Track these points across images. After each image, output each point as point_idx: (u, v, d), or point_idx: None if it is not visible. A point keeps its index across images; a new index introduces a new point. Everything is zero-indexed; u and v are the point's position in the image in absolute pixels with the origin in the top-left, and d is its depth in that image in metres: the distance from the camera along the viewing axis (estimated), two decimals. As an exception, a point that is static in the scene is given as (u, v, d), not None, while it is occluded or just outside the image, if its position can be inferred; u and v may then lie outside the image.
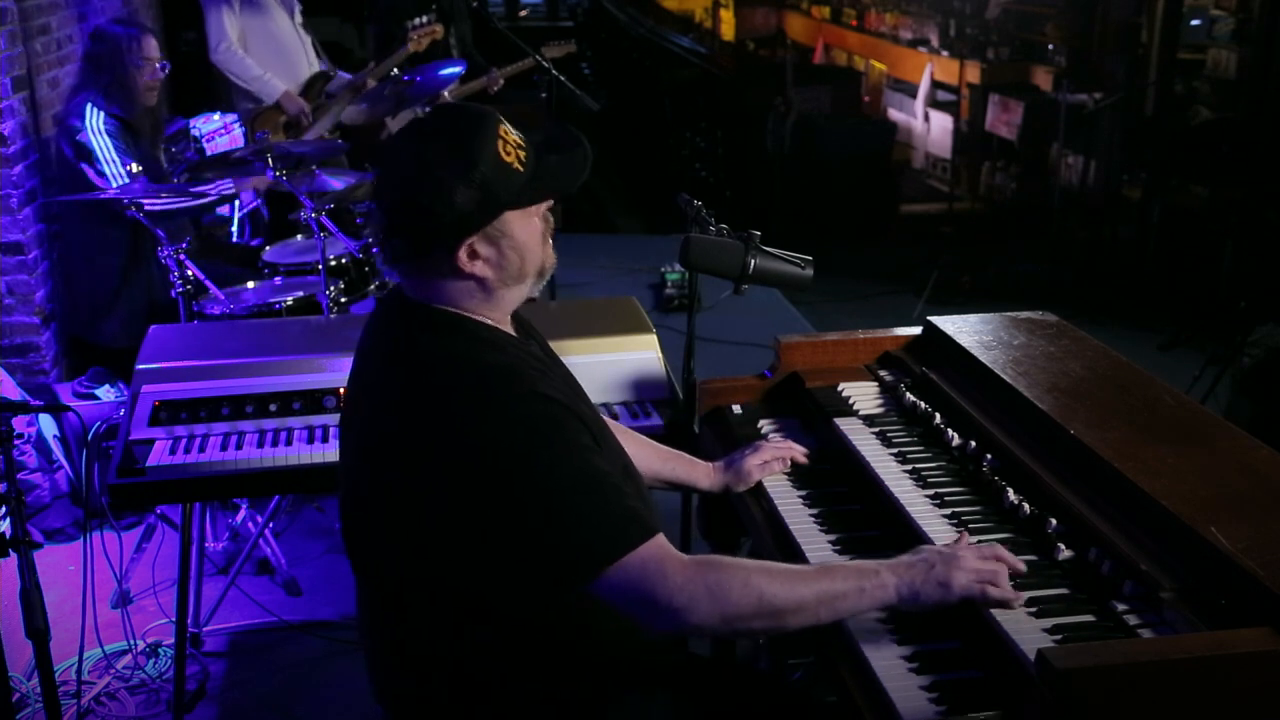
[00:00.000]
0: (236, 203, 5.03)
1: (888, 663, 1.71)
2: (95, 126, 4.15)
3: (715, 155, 8.62)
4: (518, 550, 1.68)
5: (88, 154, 4.14)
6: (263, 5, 5.46)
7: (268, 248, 4.39)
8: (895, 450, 2.27)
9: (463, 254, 1.75)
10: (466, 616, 1.76)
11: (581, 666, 1.82)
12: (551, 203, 1.84)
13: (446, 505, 1.68)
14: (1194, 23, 7.24)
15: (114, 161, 4.14)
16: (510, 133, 1.77)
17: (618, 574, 1.64)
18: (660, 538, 1.69)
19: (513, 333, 1.87)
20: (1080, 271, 6.53)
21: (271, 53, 5.47)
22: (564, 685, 1.81)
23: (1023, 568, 1.77)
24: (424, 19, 5.71)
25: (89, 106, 4.18)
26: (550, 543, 1.66)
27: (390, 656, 1.87)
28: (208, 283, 3.68)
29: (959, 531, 1.96)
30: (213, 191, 4.21)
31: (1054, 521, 1.90)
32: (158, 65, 4.35)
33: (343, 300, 3.88)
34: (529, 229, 1.80)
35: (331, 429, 2.76)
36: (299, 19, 5.67)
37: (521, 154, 1.76)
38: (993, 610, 1.71)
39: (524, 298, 1.86)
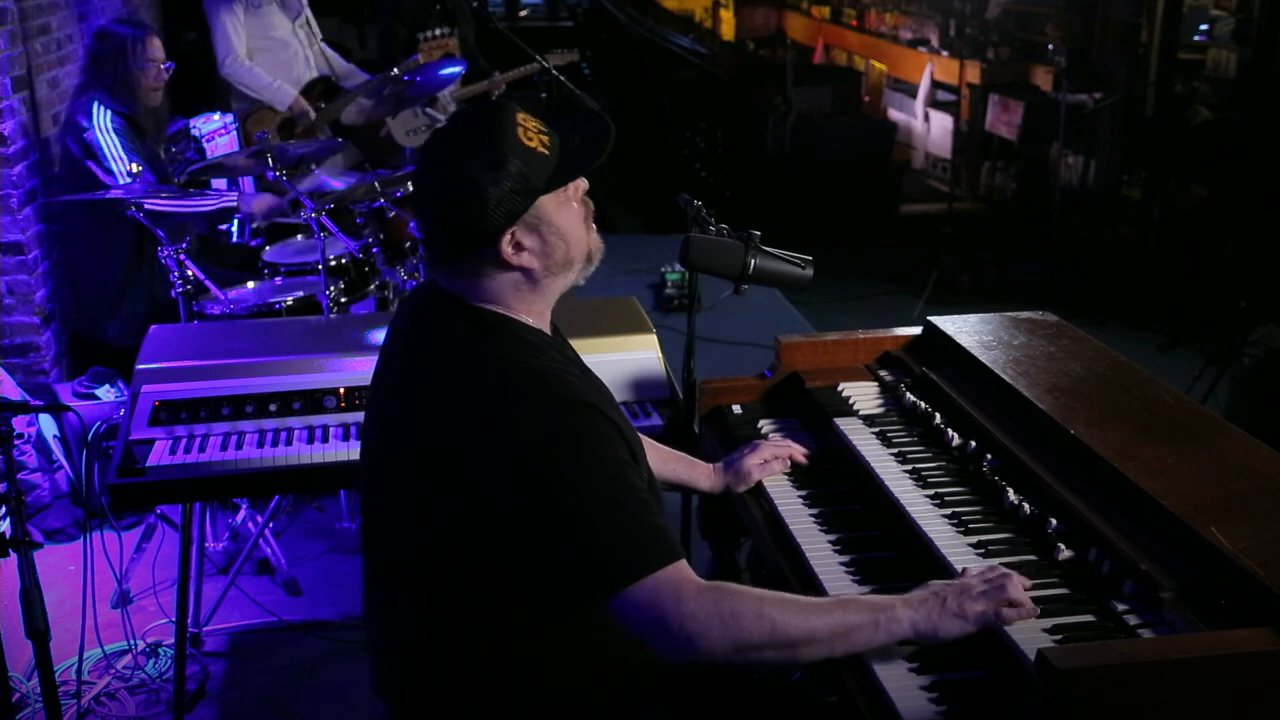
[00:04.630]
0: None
1: (888, 662, 1.71)
2: (103, 124, 4.16)
3: (715, 155, 8.61)
4: (544, 559, 1.67)
5: (94, 152, 4.15)
6: (263, 8, 5.46)
7: (268, 248, 4.39)
8: (895, 450, 2.27)
9: (506, 247, 1.75)
10: (481, 617, 1.76)
11: (585, 669, 1.82)
12: (586, 185, 1.84)
13: (478, 507, 1.68)
14: (1198, 37, 7.25)
15: (121, 159, 4.15)
16: (529, 119, 1.77)
17: (635, 594, 1.63)
18: (682, 562, 1.68)
19: (549, 333, 1.87)
20: (1080, 271, 6.53)
21: (269, 55, 5.47)
22: (566, 687, 1.81)
23: (1033, 608, 1.72)
24: (437, 31, 5.71)
25: (95, 104, 4.19)
26: (576, 555, 1.66)
27: (399, 651, 1.86)
28: (208, 283, 3.68)
29: (959, 532, 1.96)
30: (214, 203, 4.21)
31: (1054, 521, 1.90)
32: (162, 66, 4.36)
33: (343, 300, 3.88)
34: (567, 214, 1.80)
35: (332, 429, 2.76)
36: (301, 21, 5.66)
37: (545, 139, 1.77)
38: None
39: (568, 286, 1.85)
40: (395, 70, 4.96)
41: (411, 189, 1.88)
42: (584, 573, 1.66)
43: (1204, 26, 7.33)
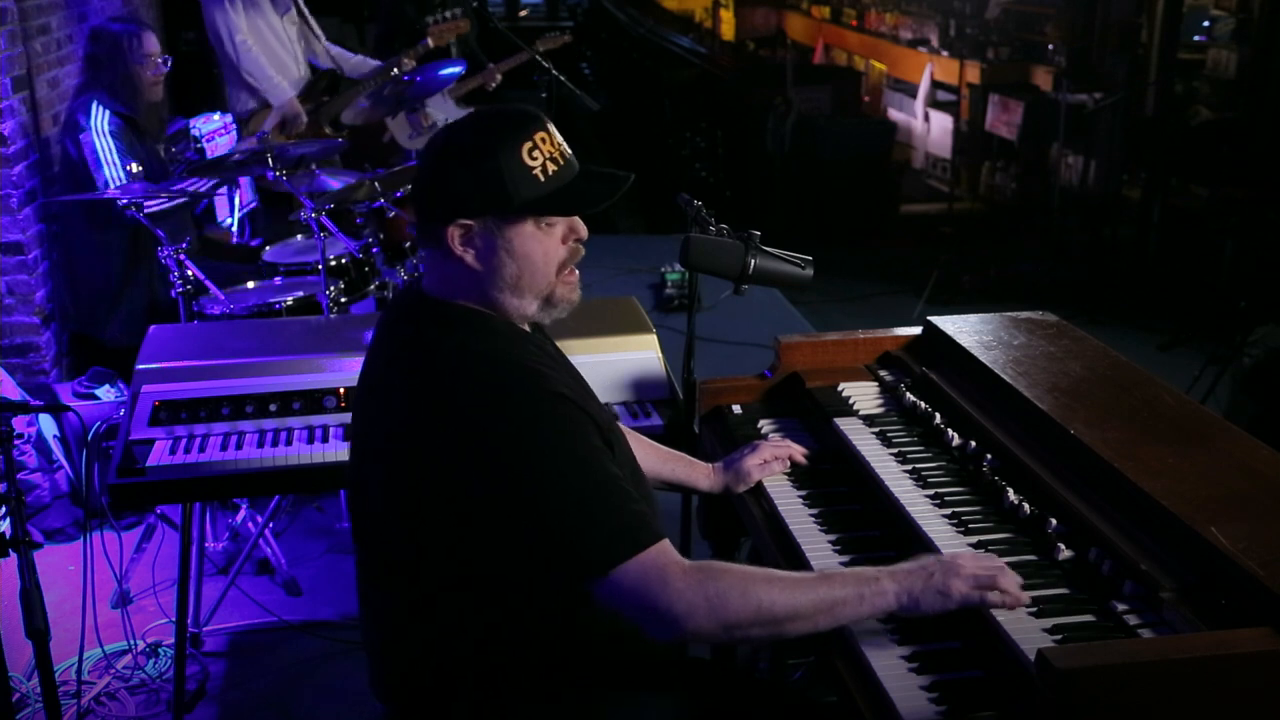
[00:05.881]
0: (236, 202, 5.03)
1: (888, 663, 1.71)
2: (100, 127, 4.16)
3: (715, 155, 8.62)
4: (524, 549, 1.69)
5: (86, 154, 4.16)
6: (258, 4, 5.44)
7: (268, 248, 4.39)
8: (895, 450, 2.27)
9: (454, 234, 1.76)
10: (472, 613, 1.77)
11: (583, 667, 1.83)
12: (582, 233, 1.83)
13: (457, 501, 1.69)
14: (1198, 37, 7.25)
15: (114, 164, 4.15)
16: (548, 143, 1.77)
17: (620, 578, 1.65)
18: (664, 544, 1.69)
19: (526, 328, 1.87)
20: (1080, 271, 6.53)
21: (259, 45, 5.46)
22: (565, 685, 1.82)
23: (1024, 597, 1.73)
24: (447, 14, 5.65)
25: (95, 105, 4.20)
26: (556, 544, 1.67)
27: (392, 648, 1.87)
28: (208, 283, 3.68)
29: (959, 532, 1.96)
30: (204, 185, 4.21)
31: (1054, 521, 1.90)
32: (159, 61, 4.36)
33: (343, 300, 3.87)
34: (537, 244, 1.78)
35: (332, 429, 2.76)
36: (291, 18, 5.64)
37: (551, 167, 1.76)
38: (993, 610, 1.71)
39: (528, 314, 1.83)
40: (395, 70, 4.96)
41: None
42: (567, 560, 1.67)
43: (1205, 24, 7.33)
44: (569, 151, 1.81)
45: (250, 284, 4.05)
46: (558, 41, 5.74)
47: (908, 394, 2.43)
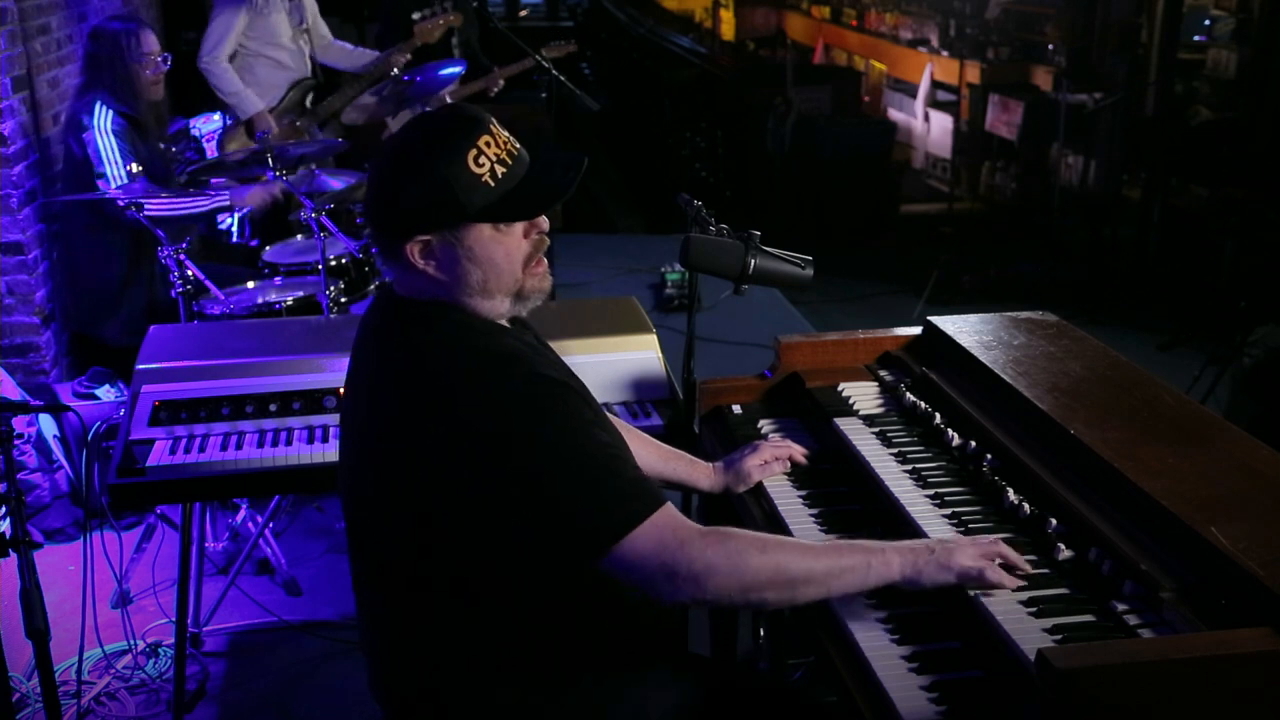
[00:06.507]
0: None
1: (888, 663, 1.71)
2: (103, 126, 4.16)
3: (715, 155, 8.62)
4: (528, 530, 1.68)
5: (89, 155, 4.15)
6: (270, 15, 5.43)
7: (268, 248, 4.39)
8: (895, 450, 2.27)
9: (413, 249, 1.75)
10: (469, 613, 1.77)
11: (582, 665, 1.83)
12: (543, 226, 1.82)
13: (453, 491, 1.69)
14: (1198, 37, 7.25)
15: (116, 164, 4.15)
16: (493, 145, 1.74)
17: (636, 543, 1.65)
18: (669, 506, 1.70)
19: (505, 323, 1.87)
20: (1080, 271, 6.54)
21: (267, 61, 5.45)
22: (564, 683, 1.81)
23: (1026, 566, 1.79)
24: (433, 10, 5.62)
25: (98, 105, 4.20)
26: (561, 518, 1.67)
27: (390, 652, 1.87)
28: (208, 283, 3.68)
29: (959, 532, 1.96)
30: (211, 200, 4.21)
31: (1054, 521, 1.90)
32: (159, 59, 4.36)
33: (343, 300, 3.88)
34: (499, 247, 1.77)
35: (332, 429, 2.76)
36: (302, 30, 5.62)
37: (500, 170, 1.74)
38: (993, 610, 1.71)
39: (502, 312, 1.83)
40: (395, 70, 4.95)
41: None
42: (576, 533, 1.67)
43: (1205, 24, 7.34)
44: (517, 146, 1.79)
45: (250, 284, 4.05)
46: (562, 50, 5.74)
47: (908, 394, 2.43)
